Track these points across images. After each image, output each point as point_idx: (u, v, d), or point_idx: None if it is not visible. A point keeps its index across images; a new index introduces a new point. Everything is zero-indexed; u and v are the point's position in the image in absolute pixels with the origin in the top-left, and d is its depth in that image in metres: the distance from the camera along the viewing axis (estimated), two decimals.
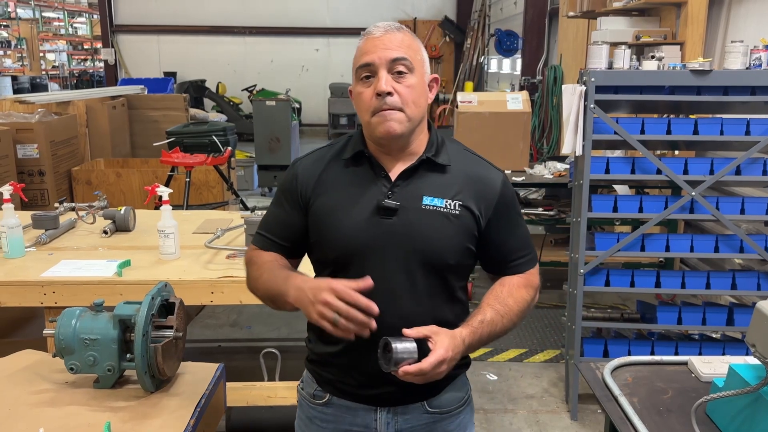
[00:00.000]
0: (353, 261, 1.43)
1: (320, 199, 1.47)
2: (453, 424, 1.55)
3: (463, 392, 1.58)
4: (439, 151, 1.48)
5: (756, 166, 3.08)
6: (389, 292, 1.40)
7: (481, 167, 1.51)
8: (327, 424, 1.54)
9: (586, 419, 3.24)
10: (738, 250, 3.12)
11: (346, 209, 1.44)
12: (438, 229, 1.42)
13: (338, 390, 1.52)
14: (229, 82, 14.11)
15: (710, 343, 3.24)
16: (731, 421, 1.44)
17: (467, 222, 1.45)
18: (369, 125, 1.42)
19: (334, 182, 1.48)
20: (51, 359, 1.77)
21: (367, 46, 1.41)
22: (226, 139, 5.55)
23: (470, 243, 1.47)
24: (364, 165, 1.48)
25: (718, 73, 3.01)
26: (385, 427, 1.50)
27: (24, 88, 14.50)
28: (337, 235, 1.44)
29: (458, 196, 1.45)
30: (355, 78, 1.44)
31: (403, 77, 1.40)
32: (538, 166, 4.90)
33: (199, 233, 3.02)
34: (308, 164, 1.53)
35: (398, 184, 1.45)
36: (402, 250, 1.42)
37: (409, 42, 1.42)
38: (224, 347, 4.02)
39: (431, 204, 1.43)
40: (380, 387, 1.47)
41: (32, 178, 4.96)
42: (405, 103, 1.39)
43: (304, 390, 1.60)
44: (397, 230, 1.42)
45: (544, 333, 4.24)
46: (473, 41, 12.82)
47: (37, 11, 20.18)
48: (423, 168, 1.46)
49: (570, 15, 6.17)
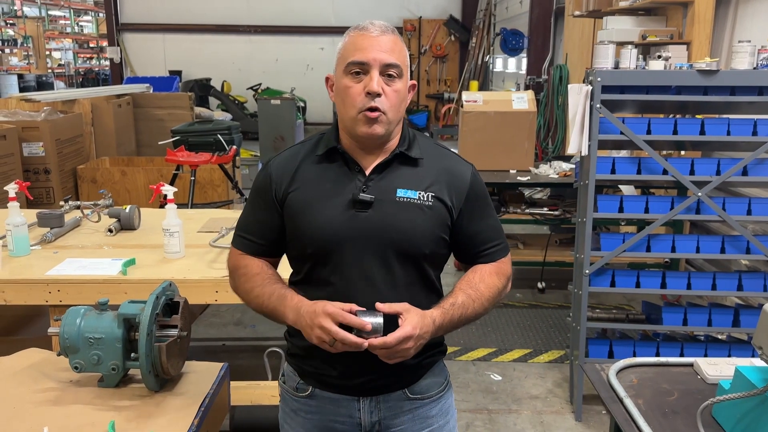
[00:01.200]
0: (331, 254, 1.47)
1: (294, 195, 1.50)
2: (435, 409, 1.60)
3: (441, 377, 1.63)
4: (412, 146, 1.53)
5: (763, 167, 3.06)
6: (368, 282, 1.46)
7: (451, 160, 1.56)
8: (312, 416, 1.57)
9: (591, 420, 3.23)
10: (744, 251, 3.10)
11: (322, 204, 1.47)
12: (412, 220, 1.46)
13: (320, 382, 1.55)
14: (234, 81, 14.13)
15: (716, 345, 3.23)
16: (737, 424, 1.43)
17: (440, 213, 1.49)
18: (352, 121, 1.45)
19: (308, 178, 1.50)
20: (55, 358, 1.77)
21: (362, 43, 1.43)
22: (231, 137, 5.55)
23: (443, 233, 1.51)
24: (338, 160, 1.51)
25: (725, 73, 2.99)
26: (369, 416, 1.54)
27: (30, 86, 14.57)
28: (314, 230, 1.47)
29: (431, 188, 1.49)
30: (341, 70, 1.45)
31: (393, 81, 1.44)
32: (544, 166, 4.89)
33: (204, 232, 3.02)
34: (281, 162, 1.55)
35: (372, 178, 1.49)
36: (379, 242, 1.46)
37: (400, 47, 1.46)
38: (228, 346, 4.02)
39: (405, 196, 1.47)
40: (361, 377, 1.51)
41: (38, 177, 4.98)
42: (390, 107, 1.44)
43: (286, 384, 1.63)
44: (373, 222, 1.45)
45: (548, 333, 4.23)
46: (478, 40, 12.80)
47: (44, 9, 20.25)
48: (396, 162, 1.51)
49: (576, 14, 6.16)
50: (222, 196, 5.56)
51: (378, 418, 1.55)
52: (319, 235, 1.46)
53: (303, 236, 1.49)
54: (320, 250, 1.47)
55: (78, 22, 23.49)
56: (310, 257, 1.50)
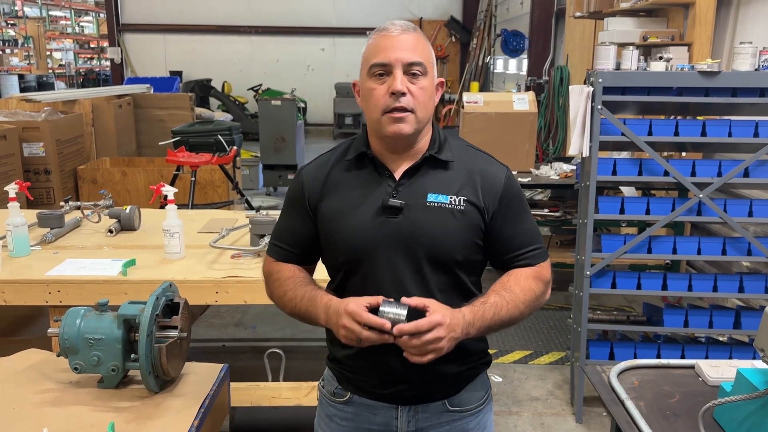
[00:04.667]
0: (362, 262, 1.45)
1: (327, 202, 1.49)
2: (472, 423, 1.57)
3: (482, 391, 1.59)
4: (442, 148, 1.49)
5: (764, 169, 3.05)
6: (401, 289, 1.42)
7: (484, 162, 1.52)
8: (347, 423, 1.56)
9: (591, 422, 3.23)
10: (746, 253, 3.10)
11: (352, 211, 1.46)
12: (443, 225, 1.43)
13: (359, 388, 1.53)
14: (234, 82, 14.14)
15: (717, 347, 3.22)
16: (739, 426, 1.43)
17: (473, 217, 1.45)
18: (378, 123, 1.42)
19: (339, 185, 1.49)
20: (55, 359, 1.76)
21: (383, 44, 1.41)
22: (232, 138, 5.56)
23: (477, 238, 1.47)
24: (368, 166, 1.49)
25: (727, 75, 2.99)
26: (406, 425, 1.52)
27: (30, 86, 14.58)
28: (345, 237, 1.45)
29: (462, 191, 1.46)
30: (365, 74, 1.44)
31: (417, 79, 1.41)
32: (544, 167, 4.88)
33: (204, 233, 3.01)
34: (312, 170, 1.54)
35: (402, 183, 1.46)
36: (410, 248, 1.43)
37: (423, 45, 1.44)
38: (228, 347, 4.01)
39: (436, 201, 1.44)
40: (400, 385, 1.48)
41: (38, 177, 4.98)
42: (417, 105, 1.41)
43: (324, 388, 1.62)
44: (403, 228, 1.43)
45: (549, 335, 4.23)
46: (479, 41, 12.80)
47: (44, 10, 20.25)
48: (426, 165, 1.48)
49: (577, 15, 6.15)
50: (222, 197, 5.56)
51: (415, 428, 1.52)
52: (349, 243, 1.45)
53: (335, 244, 1.48)
54: (351, 258, 1.46)
55: (79, 22, 23.51)
56: (343, 265, 1.49)
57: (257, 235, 2.69)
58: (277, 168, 8.05)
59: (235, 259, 2.64)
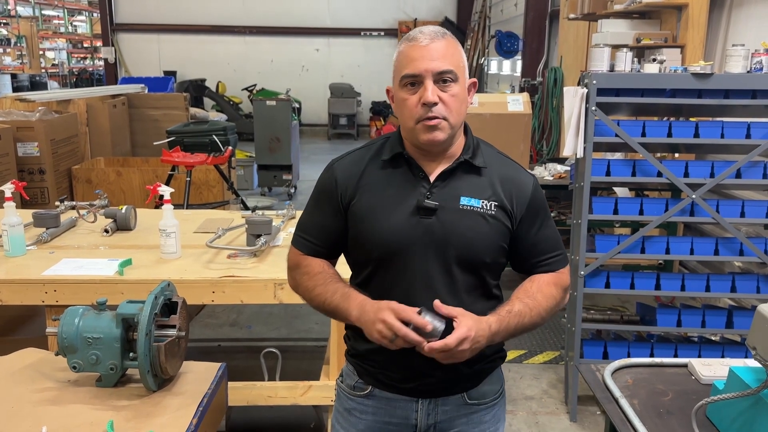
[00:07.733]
0: (395, 259, 1.49)
1: (361, 200, 1.51)
2: (488, 415, 1.62)
3: (498, 385, 1.65)
4: (476, 154, 1.53)
5: (756, 170, 3.08)
6: (429, 288, 1.47)
7: (514, 170, 1.57)
8: (365, 416, 1.59)
9: (586, 421, 3.25)
10: (738, 253, 3.13)
11: (387, 209, 1.49)
12: (475, 228, 1.48)
13: (380, 382, 1.57)
14: (229, 82, 14.11)
15: (709, 346, 3.25)
16: (732, 424, 1.45)
17: (502, 222, 1.50)
18: (413, 131, 1.46)
19: (374, 183, 1.52)
20: (53, 357, 1.77)
21: (413, 54, 1.43)
22: (227, 138, 5.56)
23: (504, 242, 1.52)
24: (403, 166, 1.52)
25: (719, 77, 3.02)
26: (426, 418, 1.56)
27: (23, 86, 14.50)
28: (380, 235, 1.48)
29: (494, 196, 1.50)
30: (397, 83, 1.46)
31: (448, 86, 1.43)
32: (538, 168, 4.91)
33: (200, 233, 3.02)
34: (347, 166, 1.56)
35: (437, 185, 1.50)
36: (441, 249, 1.47)
37: (452, 51, 1.45)
38: (224, 347, 4.02)
39: (468, 204, 1.48)
40: (421, 379, 1.52)
41: (32, 177, 4.96)
42: (449, 112, 1.43)
43: (343, 382, 1.65)
44: (436, 229, 1.47)
45: (543, 334, 4.25)
46: (473, 42, 12.82)
47: (37, 9, 20.15)
48: (460, 170, 1.51)
49: (571, 17, 6.18)
50: (218, 197, 5.56)
51: (434, 421, 1.56)
52: (384, 241, 1.48)
53: (368, 241, 1.50)
54: (385, 255, 1.49)
55: (72, 21, 23.39)
56: (374, 261, 1.52)
57: (253, 235, 2.70)
58: (272, 168, 8.06)
59: (232, 259, 2.65)
